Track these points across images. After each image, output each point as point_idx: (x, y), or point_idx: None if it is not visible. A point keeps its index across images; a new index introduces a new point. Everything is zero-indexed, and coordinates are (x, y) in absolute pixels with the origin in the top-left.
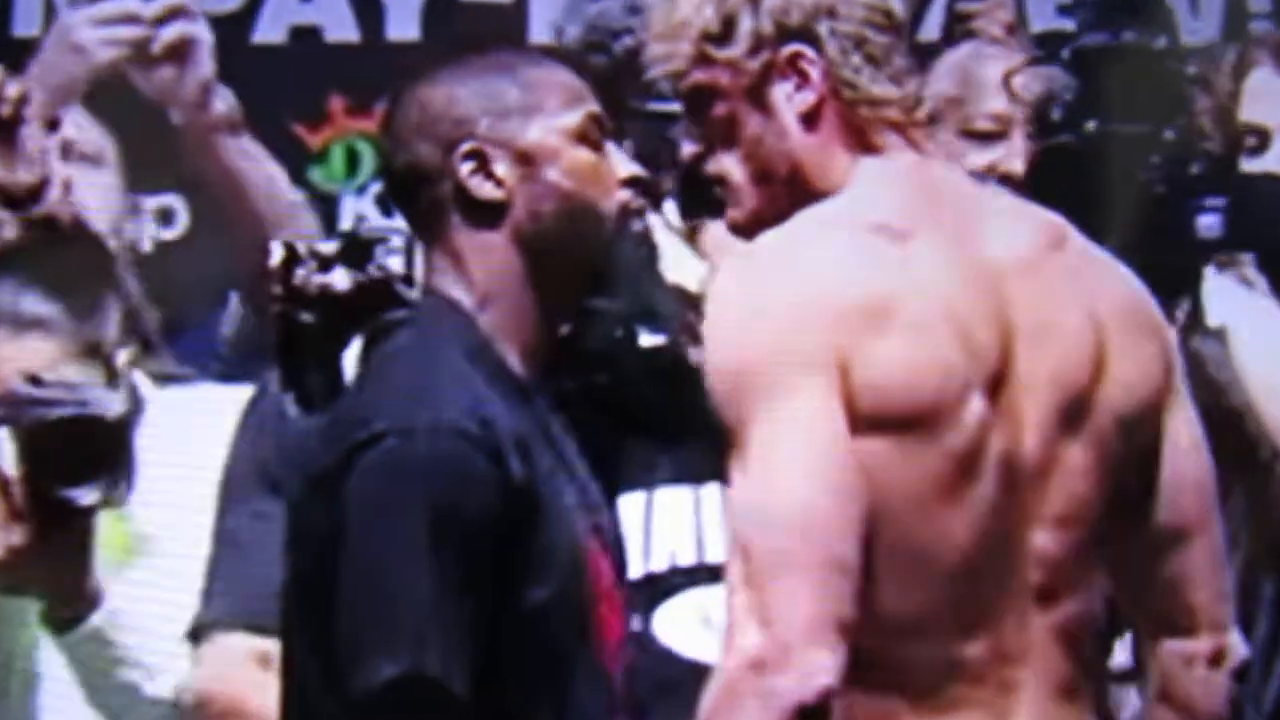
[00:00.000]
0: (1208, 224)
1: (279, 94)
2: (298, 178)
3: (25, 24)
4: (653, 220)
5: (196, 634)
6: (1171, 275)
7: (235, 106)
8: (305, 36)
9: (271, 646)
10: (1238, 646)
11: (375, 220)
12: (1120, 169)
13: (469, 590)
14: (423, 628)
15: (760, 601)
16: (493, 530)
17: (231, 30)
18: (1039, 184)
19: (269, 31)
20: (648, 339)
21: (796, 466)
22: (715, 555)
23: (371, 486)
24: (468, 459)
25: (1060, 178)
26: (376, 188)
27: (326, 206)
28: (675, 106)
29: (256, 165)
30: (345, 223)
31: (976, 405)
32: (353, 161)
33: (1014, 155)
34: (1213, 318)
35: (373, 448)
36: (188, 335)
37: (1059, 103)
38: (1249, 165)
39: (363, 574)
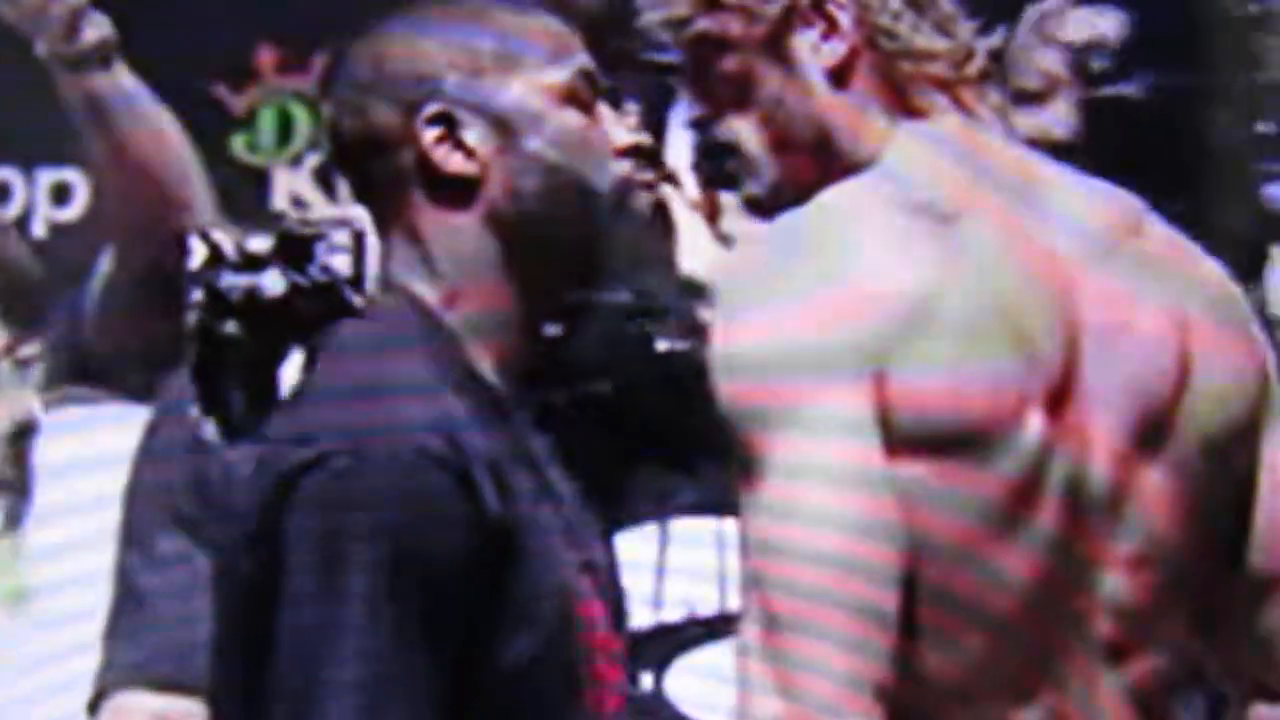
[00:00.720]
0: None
1: (194, 46)
2: (218, 149)
3: None
4: (667, 196)
5: (96, 698)
6: (1233, 254)
7: (111, 35)
8: None
9: (180, 707)
10: None
11: (315, 203)
12: (1175, 127)
13: (435, 647)
14: (378, 695)
15: (780, 662)
16: (463, 574)
17: None
18: (1086, 146)
19: None
20: (662, 341)
21: (823, 497)
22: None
23: (313, 520)
24: (432, 487)
25: (1108, 138)
26: (315, 159)
27: (253, 184)
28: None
29: (134, 106)
30: (277, 203)
31: (1035, 422)
32: (285, 128)
33: (1058, 121)
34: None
35: (315, 473)
36: None
37: (1104, 51)
38: None
39: (304, 629)
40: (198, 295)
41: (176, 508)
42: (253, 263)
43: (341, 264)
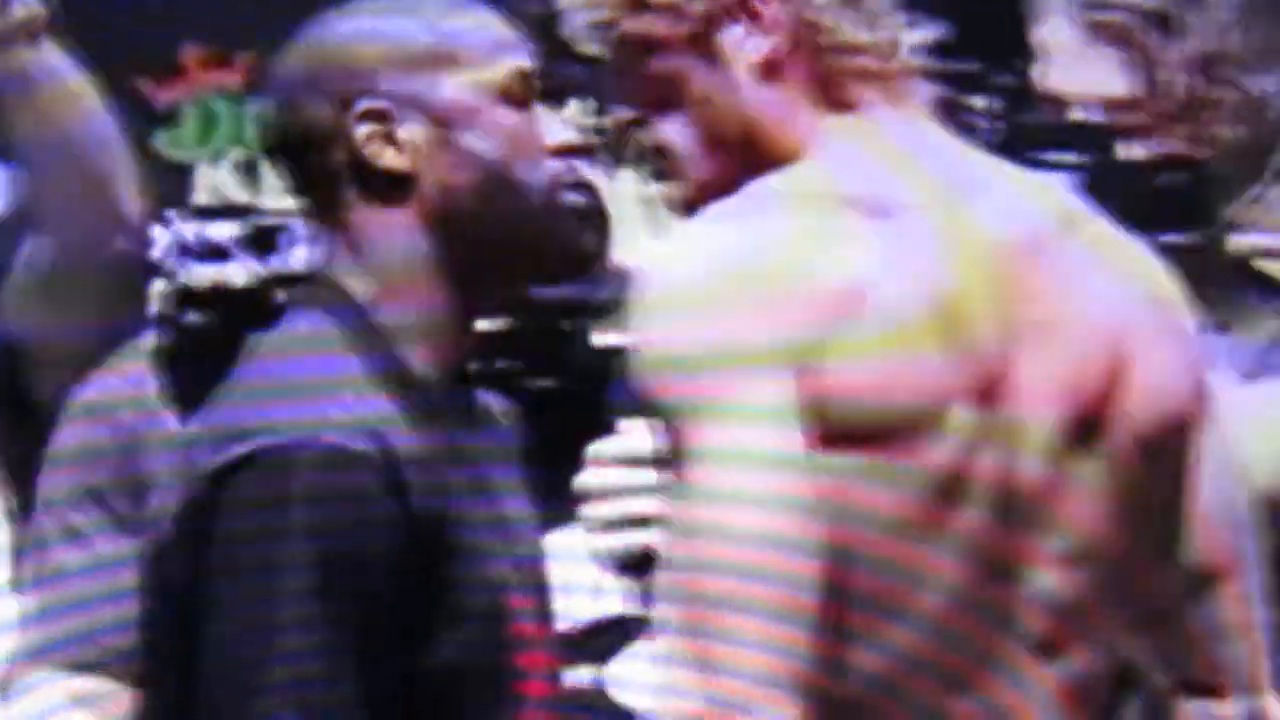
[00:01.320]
0: None
1: (118, 41)
2: (141, 144)
3: None
4: (603, 191)
5: (8, 678)
6: None
7: (39, 13)
8: None
9: (96, 688)
10: (1275, 712)
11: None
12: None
13: (366, 644)
14: (307, 696)
15: (704, 655)
16: (392, 571)
17: None
18: None
19: None
20: (599, 337)
21: (749, 490)
22: None
23: (242, 521)
24: (360, 487)
25: None
26: (235, 155)
27: (177, 179)
28: None
29: (60, 81)
30: (200, 198)
31: (965, 416)
32: (208, 124)
33: None
34: None
35: (244, 473)
36: None
37: None
38: None
39: (232, 630)
40: (161, 285)
41: (99, 488)
42: (217, 253)
43: (301, 255)
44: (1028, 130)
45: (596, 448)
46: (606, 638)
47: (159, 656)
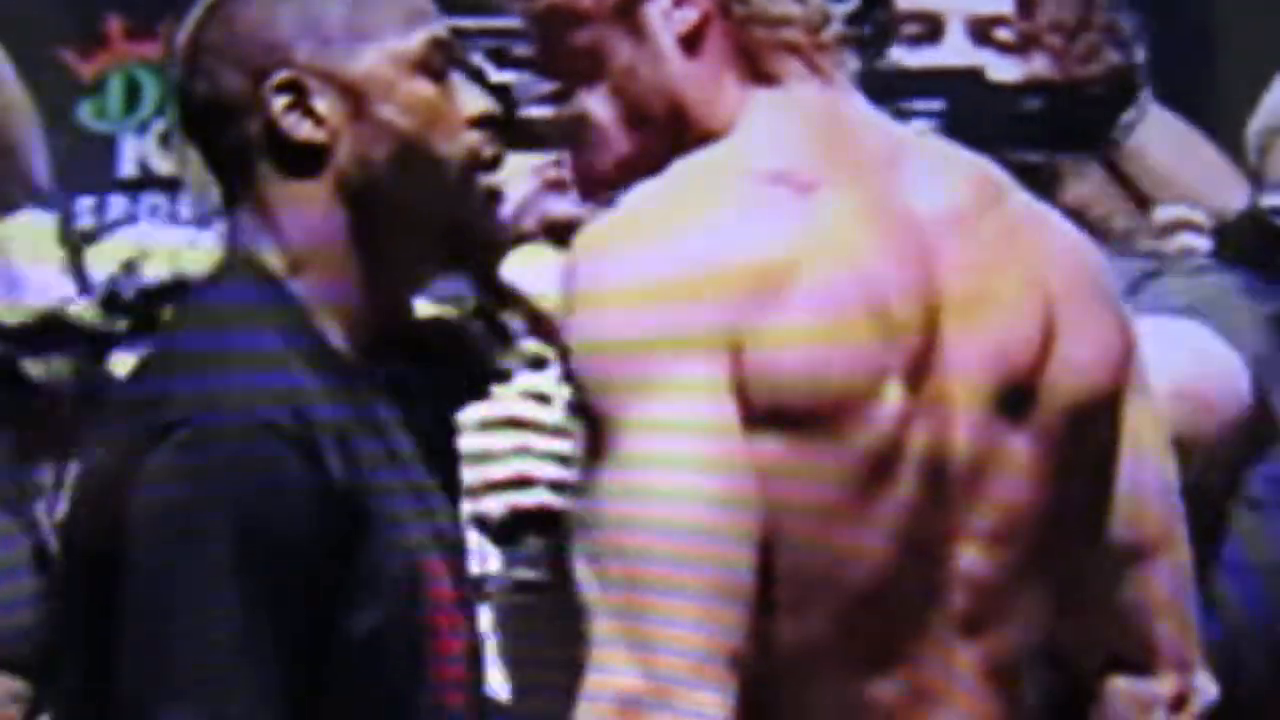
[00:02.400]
0: None
1: (43, 13)
2: (64, 116)
3: None
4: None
5: None
6: None
7: None
8: None
9: (18, 687)
10: (1205, 688)
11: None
12: None
13: (282, 621)
14: (226, 669)
15: (633, 632)
16: (309, 546)
17: None
18: None
19: None
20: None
21: (679, 470)
22: None
23: (159, 493)
24: (278, 460)
25: None
26: (160, 126)
27: (102, 149)
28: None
29: None
30: (126, 170)
31: (893, 395)
32: (133, 95)
33: None
34: None
35: (160, 446)
36: None
37: None
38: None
39: (150, 604)
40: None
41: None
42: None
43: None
44: (893, 78)
45: (468, 413)
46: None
47: (71, 628)
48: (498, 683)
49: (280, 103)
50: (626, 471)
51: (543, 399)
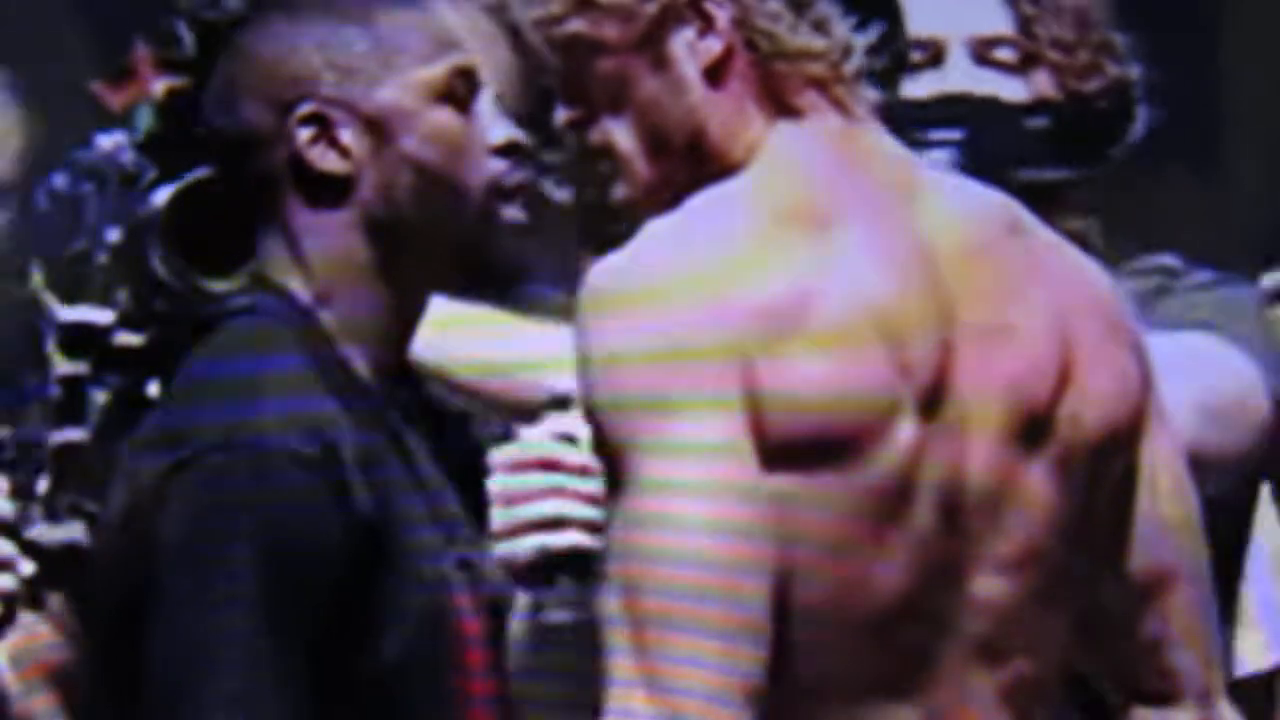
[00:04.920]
0: None
1: (72, 43)
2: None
3: None
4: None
5: None
6: None
7: None
8: None
9: None
10: (1229, 717)
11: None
12: None
13: (306, 648)
14: (249, 697)
15: (650, 669)
16: (335, 572)
17: None
18: None
19: None
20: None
21: (695, 505)
22: None
23: (186, 522)
24: (304, 490)
25: None
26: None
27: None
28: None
29: None
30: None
31: (908, 428)
32: None
33: None
34: None
35: (187, 475)
36: None
37: None
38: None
39: (176, 629)
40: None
41: None
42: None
43: None
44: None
45: (497, 454)
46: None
47: (103, 663)
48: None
49: (305, 135)
50: (643, 509)
51: (570, 440)
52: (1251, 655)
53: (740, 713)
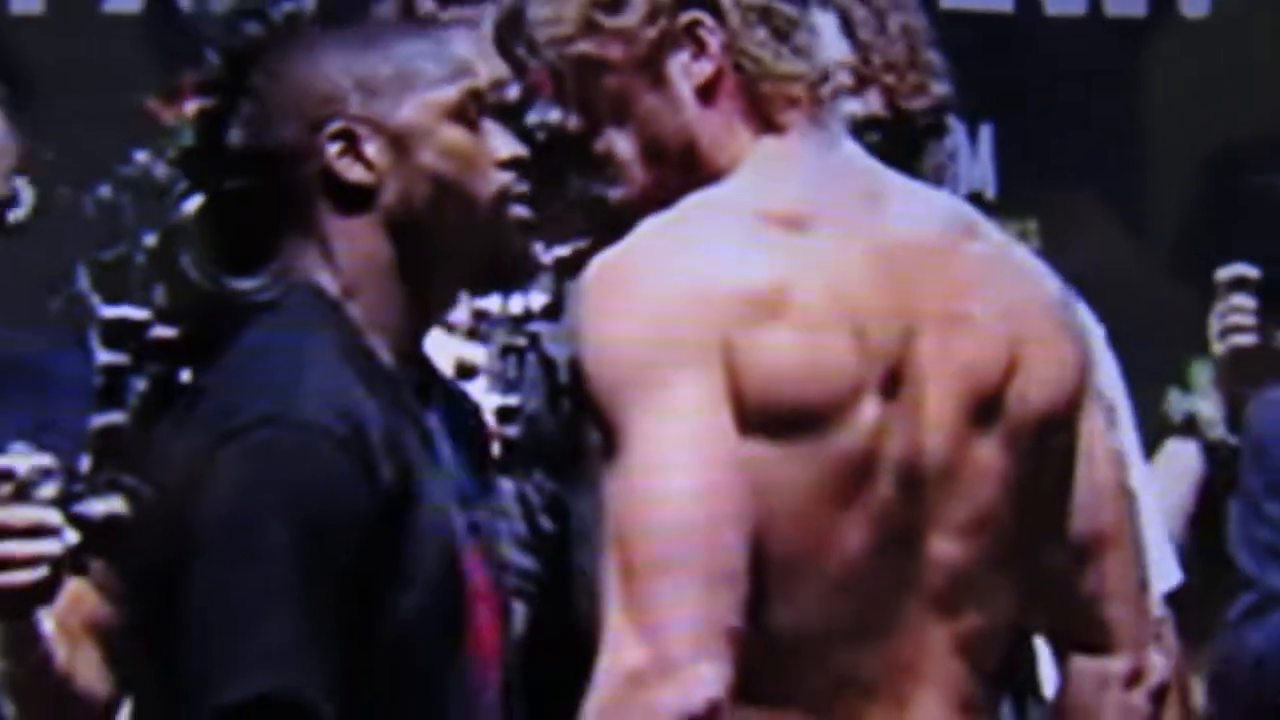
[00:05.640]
0: None
1: (134, 66)
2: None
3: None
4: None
5: None
6: None
7: None
8: (160, 4)
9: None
10: (1158, 666)
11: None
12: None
13: (334, 601)
14: (285, 643)
15: (640, 611)
16: (360, 538)
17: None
18: None
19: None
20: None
21: (679, 466)
22: None
23: (228, 493)
24: (335, 463)
25: None
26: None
27: None
28: None
29: None
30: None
31: (869, 406)
32: None
33: None
34: None
35: (235, 446)
36: None
37: None
38: None
39: (219, 586)
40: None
41: None
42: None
43: None
44: None
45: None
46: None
47: (144, 620)
48: None
49: (334, 149)
50: (633, 471)
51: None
52: None
53: (721, 652)
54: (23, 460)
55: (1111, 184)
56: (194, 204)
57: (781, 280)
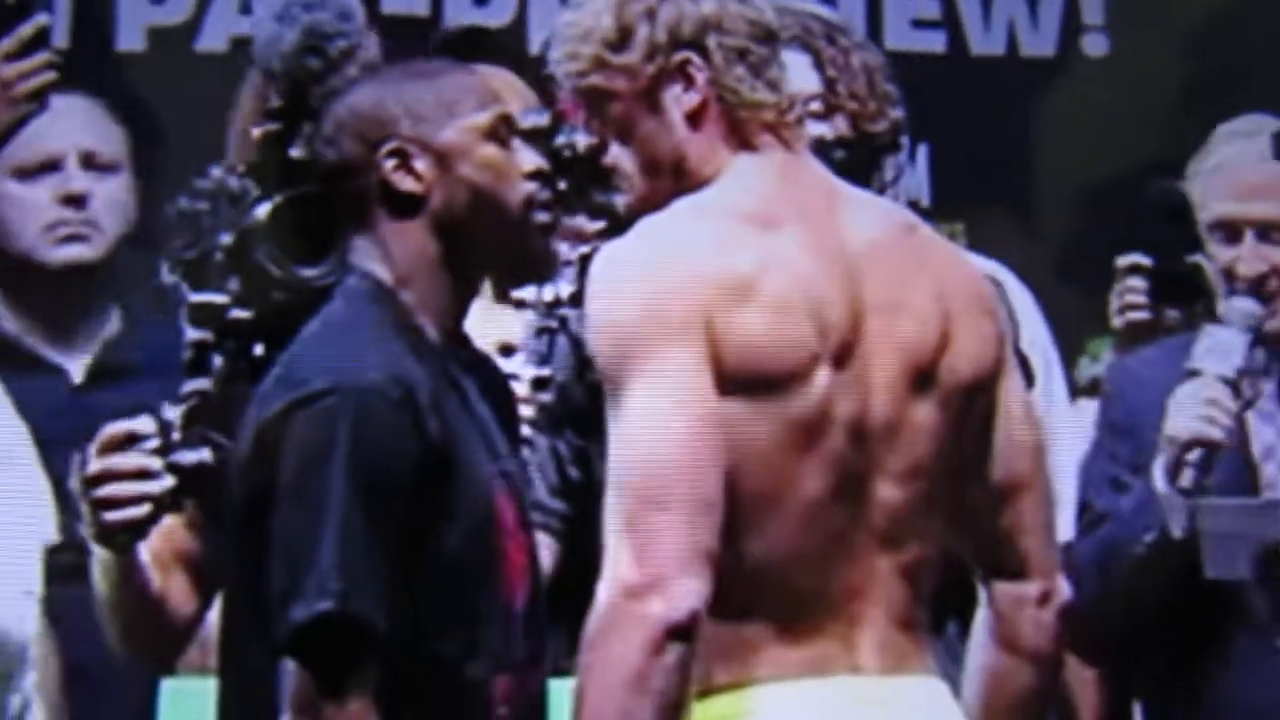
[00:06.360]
0: None
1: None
2: None
3: (128, 39)
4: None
5: None
6: None
7: None
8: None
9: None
10: (1063, 589)
11: None
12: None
13: (389, 537)
14: (350, 570)
15: (635, 536)
16: (411, 481)
17: (177, 40)
18: None
19: (211, 40)
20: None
21: (670, 416)
22: None
23: (304, 442)
24: (391, 420)
25: None
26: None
27: None
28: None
29: None
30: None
31: (824, 374)
32: None
33: None
34: None
35: (309, 407)
36: None
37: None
38: None
39: (297, 517)
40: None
41: None
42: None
43: None
44: None
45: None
46: None
47: (238, 555)
48: None
49: (389, 165)
50: (632, 423)
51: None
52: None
53: (701, 572)
54: (134, 422)
55: (1022, 196)
56: (265, 209)
57: (754, 270)
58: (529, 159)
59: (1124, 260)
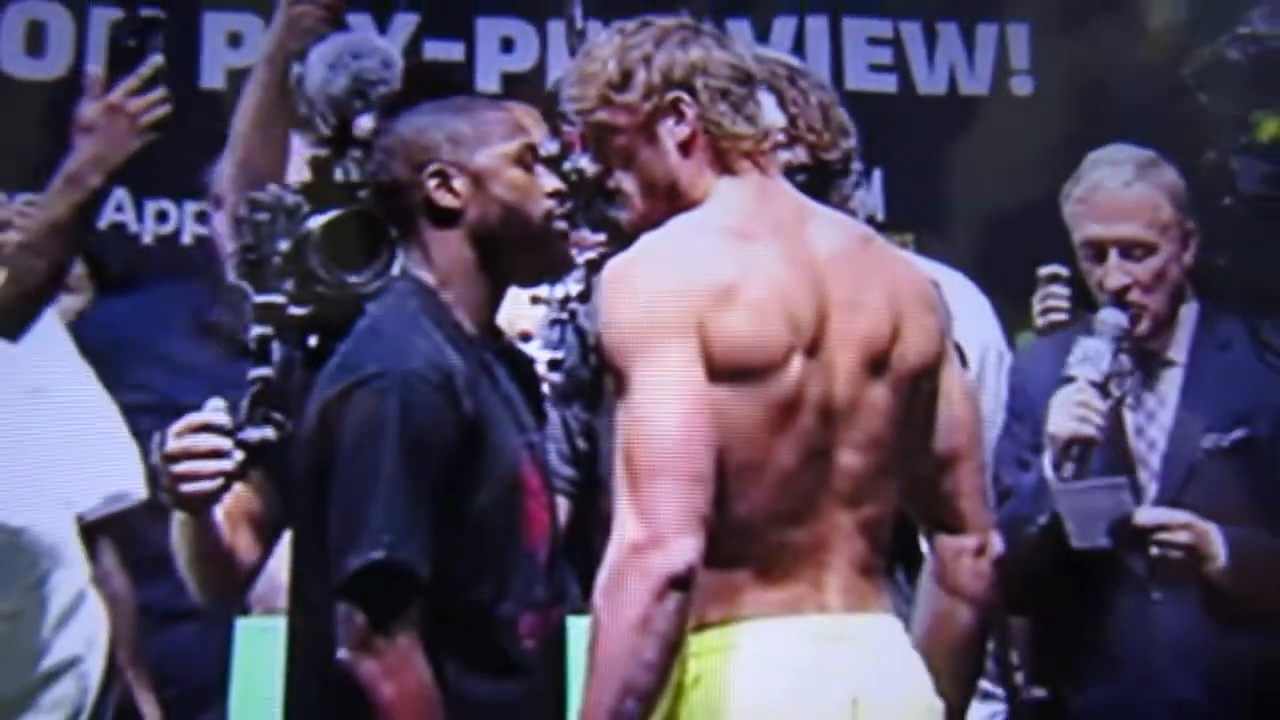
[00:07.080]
0: None
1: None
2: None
3: (210, 78)
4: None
5: None
6: None
7: None
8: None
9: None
10: (997, 542)
11: None
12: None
13: (431, 497)
14: (398, 525)
15: (639, 501)
16: (448, 451)
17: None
18: None
19: None
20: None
21: (668, 400)
22: None
23: (359, 419)
24: (432, 400)
25: None
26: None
27: None
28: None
29: None
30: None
31: (797, 363)
32: None
33: None
34: None
35: (361, 390)
36: None
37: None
38: None
39: (352, 483)
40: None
41: None
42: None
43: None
44: None
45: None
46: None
47: (303, 513)
48: None
49: (432, 184)
50: (636, 406)
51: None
52: None
53: (696, 531)
54: (208, 410)
55: (961, 213)
56: (318, 222)
57: (737, 278)
58: (549, 180)
59: (1046, 269)
